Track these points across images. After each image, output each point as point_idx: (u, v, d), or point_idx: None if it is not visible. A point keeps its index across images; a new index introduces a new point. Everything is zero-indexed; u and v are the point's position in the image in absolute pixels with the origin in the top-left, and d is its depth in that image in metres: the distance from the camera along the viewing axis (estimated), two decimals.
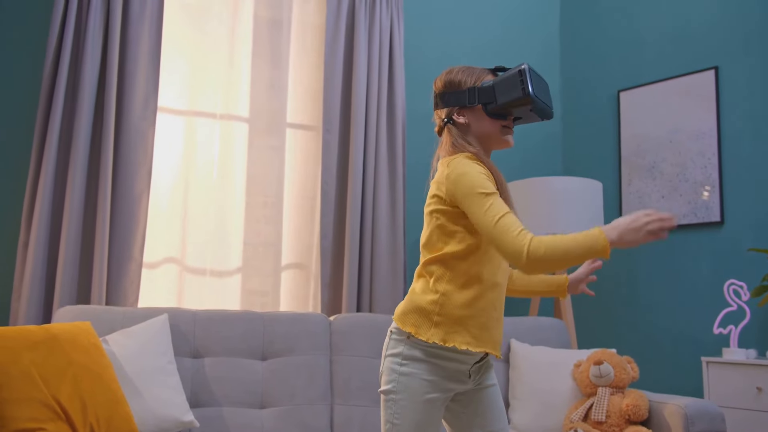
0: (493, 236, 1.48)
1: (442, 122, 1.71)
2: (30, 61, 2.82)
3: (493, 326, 1.61)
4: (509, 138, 1.69)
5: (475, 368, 1.64)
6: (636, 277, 3.45)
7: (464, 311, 1.58)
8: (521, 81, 1.59)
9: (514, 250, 1.45)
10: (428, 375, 1.57)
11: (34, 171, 2.68)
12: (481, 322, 1.59)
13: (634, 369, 2.55)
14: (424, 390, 1.56)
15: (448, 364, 1.59)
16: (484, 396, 1.67)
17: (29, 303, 2.60)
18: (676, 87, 3.39)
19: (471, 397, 1.66)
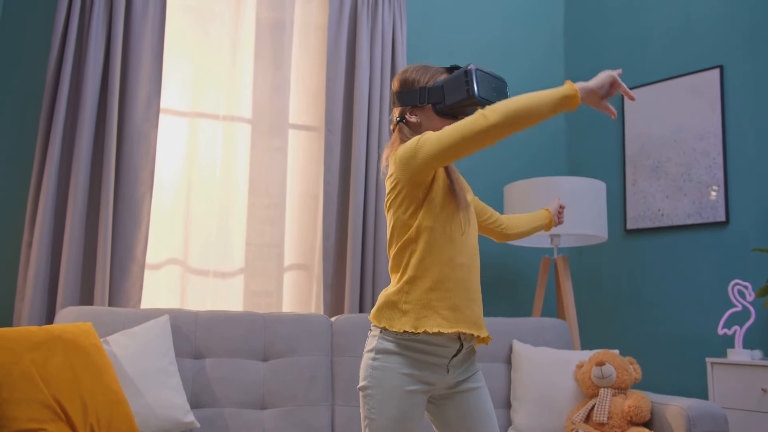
0: (452, 137, 1.51)
1: (396, 121, 1.73)
2: (33, 63, 2.84)
3: (466, 306, 1.60)
4: None
5: (456, 362, 1.62)
6: (640, 277, 3.43)
7: (431, 294, 1.58)
8: (466, 82, 1.60)
9: (474, 120, 1.49)
10: (403, 368, 1.56)
11: (37, 172, 2.69)
12: (451, 303, 1.58)
13: (636, 370, 2.53)
14: (398, 383, 1.55)
15: (422, 357, 1.57)
16: (470, 399, 1.64)
17: (32, 304, 2.61)
18: (680, 86, 3.37)
19: (457, 401, 1.64)
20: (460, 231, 1.63)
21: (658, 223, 3.37)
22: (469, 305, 1.61)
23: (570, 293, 3.13)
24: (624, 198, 3.53)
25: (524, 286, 3.60)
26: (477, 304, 1.63)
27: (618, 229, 3.55)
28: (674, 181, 3.34)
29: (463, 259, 1.62)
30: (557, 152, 3.84)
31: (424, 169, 1.56)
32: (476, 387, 1.66)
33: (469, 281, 1.62)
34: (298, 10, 3.30)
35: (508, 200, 3.20)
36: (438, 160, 1.53)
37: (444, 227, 1.61)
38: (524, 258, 3.62)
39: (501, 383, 2.72)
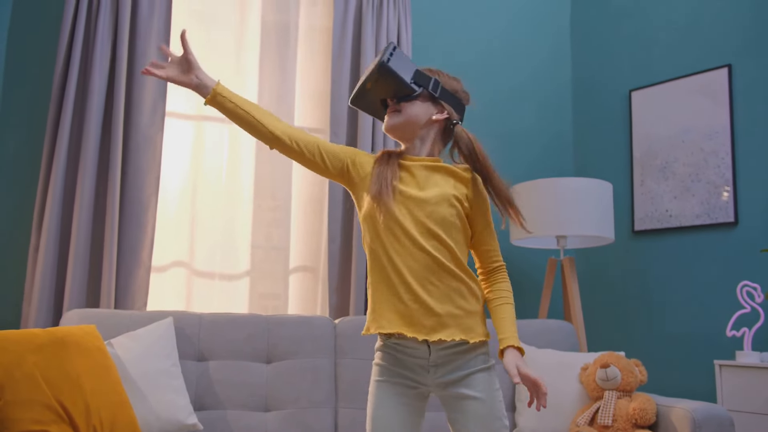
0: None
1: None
2: (41, 68, 2.87)
3: (408, 308, 1.59)
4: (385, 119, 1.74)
5: (438, 362, 1.61)
6: (647, 278, 3.40)
7: (377, 296, 1.64)
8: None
9: None
10: (381, 360, 1.66)
11: (44, 176, 2.72)
12: (393, 305, 1.61)
13: (642, 372, 2.51)
14: (375, 373, 1.67)
15: (399, 355, 1.63)
16: (464, 407, 1.60)
17: (39, 307, 2.63)
18: (688, 85, 3.34)
19: (450, 404, 1.63)
20: (391, 229, 1.63)
21: (666, 224, 3.34)
22: (416, 307, 1.59)
23: (576, 295, 3.11)
24: (631, 199, 3.50)
25: (531, 288, 3.58)
26: (427, 307, 1.59)
27: (625, 230, 3.52)
28: (682, 181, 3.31)
29: (412, 263, 1.61)
30: (564, 153, 3.81)
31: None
32: (469, 396, 1.60)
33: (422, 284, 1.60)
34: (303, 13, 3.31)
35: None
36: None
37: (380, 227, 1.64)
38: (530, 259, 3.60)
39: (505, 385, 2.70)
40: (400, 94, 1.68)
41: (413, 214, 1.64)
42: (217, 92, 1.65)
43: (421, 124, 1.70)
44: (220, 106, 1.66)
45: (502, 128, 3.67)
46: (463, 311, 1.62)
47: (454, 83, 1.75)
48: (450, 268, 1.62)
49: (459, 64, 3.62)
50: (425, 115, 1.69)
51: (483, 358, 1.64)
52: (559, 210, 3.02)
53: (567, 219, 3.01)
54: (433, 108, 1.70)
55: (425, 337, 1.59)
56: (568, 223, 3.01)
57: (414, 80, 1.67)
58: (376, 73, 1.64)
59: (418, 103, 1.68)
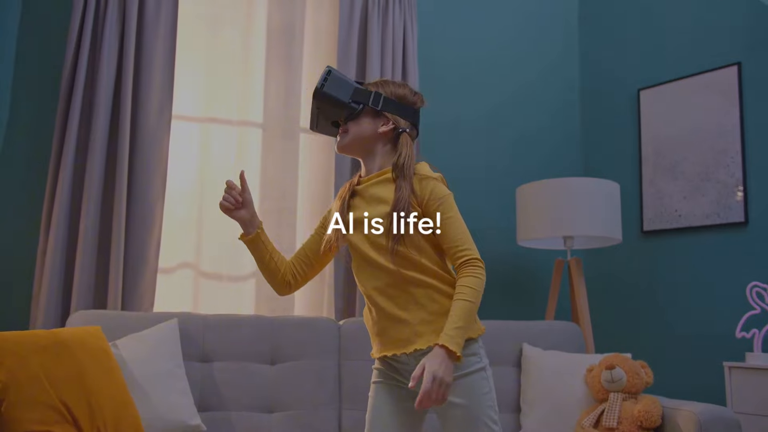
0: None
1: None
2: (48, 72, 2.89)
3: (390, 329, 1.64)
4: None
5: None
6: (656, 279, 3.36)
7: (367, 323, 1.73)
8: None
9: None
10: (378, 364, 1.73)
11: (51, 178, 2.74)
12: (379, 329, 1.68)
13: (648, 374, 2.48)
14: (374, 375, 1.74)
15: (390, 361, 1.68)
16: (448, 414, 1.59)
17: (47, 308, 2.65)
18: (697, 84, 3.30)
19: (439, 411, 1.63)
20: (356, 259, 1.71)
21: (676, 224, 3.31)
22: (392, 326, 1.64)
23: (583, 296, 3.08)
24: (640, 199, 3.47)
25: (538, 289, 3.56)
26: (401, 323, 1.62)
27: (634, 230, 3.49)
28: (691, 181, 3.28)
29: (378, 282, 1.65)
30: (572, 153, 3.79)
31: None
32: (452, 403, 1.57)
33: (390, 301, 1.63)
34: (309, 16, 3.31)
35: (521, 202, 3.17)
36: None
37: (357, 259, 1.71)
38: (538, 260, 3.57)
39: (510, 387, 2.69)
40: (345, 115, 1.71)
41: (366, 236, 1.68)
42: (258, 235, 1.77)
43: (368, 140, 1.72)
44: (255, 246, 1.77)
45: (510, 128, 3.66)
46: (437, 315, 1.61)
47: (400, 90, 1.75)
48: (412, 276, 1.61)
49: (466, 65, 3.61)
50: (372, 130, 1.72)
51: (470, 360, 1.60)
52: (566, 210, 3.00)
53: (574, 219, 2.99)
54: (379, 121, 1.72)
55: (403, 350, 1.61)
56: (575, 223, 2.99)
57: (353, 99, 1.70)
58: (315, 100, 1.70)
59: (364, 120, 1.71)
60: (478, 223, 3.32)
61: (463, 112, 3.57)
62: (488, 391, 1.60)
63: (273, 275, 1.79)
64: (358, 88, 1.72)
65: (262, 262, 1.78)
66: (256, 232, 1.75)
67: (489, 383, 1.62)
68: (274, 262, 1.78)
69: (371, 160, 1.75)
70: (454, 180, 2.56)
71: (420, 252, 1.63)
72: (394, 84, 1.76)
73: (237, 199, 1.74)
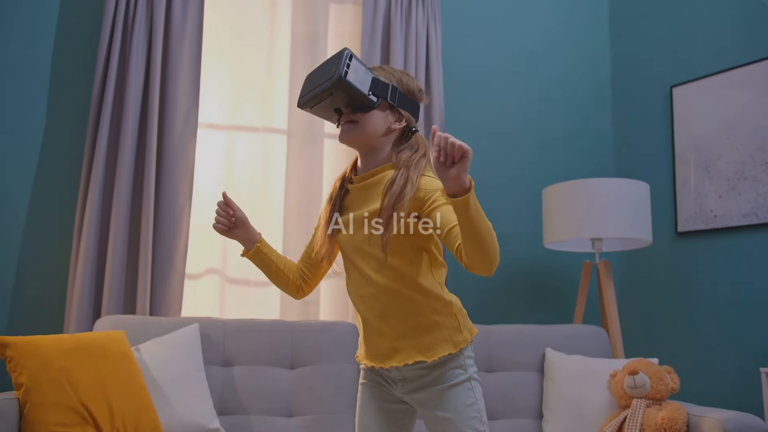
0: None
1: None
2: (80, 82, 2.99)
3: (371, 339, 1.61)
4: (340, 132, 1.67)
5: (407, 378, 1.59)
6: (692, 282, 3.25)
7: (358, 325, 1.68)
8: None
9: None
10: (364, 367, 1.71)
11: (83, 186, 2.83)
12: (362, 337, 1.65)
13: (674, 380, 2.40)
14: (361, 376, 1.71)
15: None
16: (433, 428, 1.58)
17: (79, 313, 2.73)
18: (732, 79, 3.18)
19: (427, 425, 1.61)
20: (346, 259, 1.67)
21: (711, 224, 3.20)
22: (376, 339, 1.60)
23: (612, 299, 3.01)
24: (674, 199, 3.37)
25: (566, 293, 3.49)
26: (385, 337, 1.57)
27: (668, 231, 3.38)
28: (727, 180, 3.16)
29: (358, 292, 1.62)
30: (603, 153, 3.70)
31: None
32: (438, 417, 1.55)
33: (370, 311, 1.59)
34: (332, 21, 3.33)
35: (547, 204, 3.11)
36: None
37: (347, 262, 1.67)
38: (565, 263, 3.50)
39: (533, 393, 2.64)
40: (356, 105, 1.58)
41: (353, 240, 1.62)
42: (259, 248, 1.75)
43: (379, 135, 1.61)
44: (258, 260, 1.76)
45: (539, 128, 3.60)
46: (417, 330, 1.55)
47: (412, 84, 1.66)
48: (394, 288, 1.55)
49: (492, 65, 3.57)
50: (383, 126, 1.61)
51: (453, 373, 1.57)
52: (593, 212, 2.93)
53: (602, 221, 2.92)
54: (391, 116, 1.62)
55: (380, 364, 1.58)
56: (603, 225, 2.92)
57: (372, 90, 1.56)
58: (331, 86, 1.52)
59: (376, 113, 1.59)
60: (504, 225, 3.26)
61: (489, 113, 3.53)
62: (473, 402, 1.56)
63: (284, 282, 1.77)
64: (376, 78, 1.58)
65: (269, 273, 1.76)
66: (256, 246, 1.73)
67: (474, 393, 1.57)
68: (282, 270, 1.75)
69: (373, 155, 1.64)
70: (479, 182, 2.54)
71: (407, 262, 1.55)
72: (406, 76, 1.66)
73: (230, 219, 1.72)
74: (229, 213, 1.71)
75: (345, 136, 1.62)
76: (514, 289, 3.42)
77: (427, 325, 1.55)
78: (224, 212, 1.71)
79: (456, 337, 1.56)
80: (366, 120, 1.58)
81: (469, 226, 1.34)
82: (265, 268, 1.76)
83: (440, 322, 1.56)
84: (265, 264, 1.75)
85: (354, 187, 1.67)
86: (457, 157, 1.30)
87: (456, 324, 1.58)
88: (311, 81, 1.60)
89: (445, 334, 1.55)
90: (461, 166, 1.31)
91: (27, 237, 2.87)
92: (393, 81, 1.62)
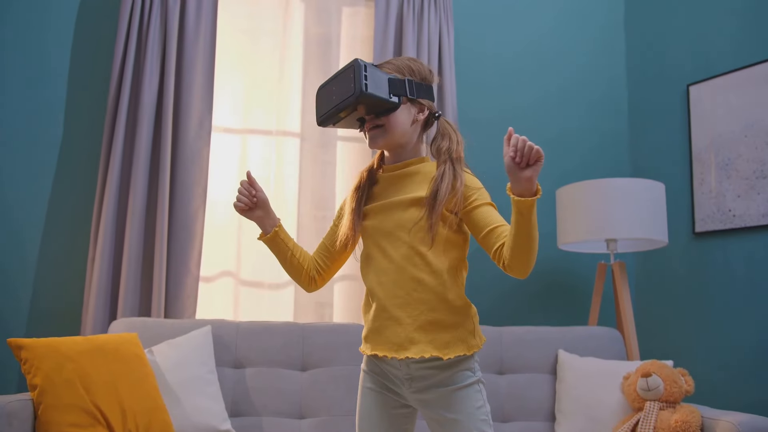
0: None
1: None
2: (96, 90, 3.04)
3: (387, 327, 1.57)
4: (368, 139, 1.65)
5: (416, 376, 1.58)
6: (710, 282, 3.20)
7: (365, 317, 1.65)
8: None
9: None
10: (365, 366, 1.68)
11: (99, 191, 2.88)
12: (374, 326, 1.60)
13: (688, 382, 2.37)
14: (361, 379, 1.69)
15: (378, 362, 1.63)
16: (440, 429, 1.57)
17: (95, 315, 2.78)
18: (751, 76, 3.13)
19: (432, 426, 1.60)
20: (372, 244, 1.63)
21: (730, 224, 3.15)
22: (388, 326, 1.57)
23: (627, 301, 2.97)
24: (691, 199, 3.32)
25: (580, 295, 3.45)
26: (398, 323, 1.55)
27: (685, 232, 3.33)
28: (746, 179, 3.11)
29: (383, 278, 1.58)
30: (619, 152, 3.66)
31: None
32: (446, 418, 1.54)
33: (391, 299, 1.56)
34: (345, 24, 3.35)
35: (561, 204, 3.09)
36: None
37: (364, 255, 1.66)
38: (580, 264, 3.46)
39: (545, 395, 2.62)
40: (379, 111, 1.58)
41: (383, 226, 1.61)
42: (277, 233, 1.71)
43: (407, 132, 1.63)
44: (274, 245, 1.72)
45: (553, 128, 3.56)
46: (438, 324, 1.55)
47: (422, 69, 1.64)
48: (421, 277, 1.55)
49: (505, 64, 3.55)
50: (409, 121, 1.62)
51: (464, 374, 1.57)
52: (608, 212, 2.90)
53: (616, 221, 2.89)
54: (413, 108, 1.62)
55: (394, 354, 1.55)
56: (617, 225, 2.89)
57: (391, 92, 1.56)
58: (355, 101, 1.52)
59: (400, 111, 1.60)
60: None
61: (503, 113, 3.51)
62: (482, 404, 1.56)
63: (297, 272, 1.72)
64: (392, 79, 1.57)
65: (284, 260, 1.72)
66: (274, 230, 1.69)
67: (482, 396, 1.58)
68: (297, 259, 1.71)
69: (403, 150, 1.65)
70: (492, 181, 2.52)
71: (438, 254, 1.55)
72: (414, 62, 1.65)
73: (251, 199, 1.67)
74: (251, 193, 1.67)
75: (376, 142, 1.62)
76: (528, 291, 3.39)
77: (447, 323, 1.55)
78: (247, 191, 1.67)
79: (471, 340, 1.58)
80: (392, 121, 1.59)
81: (527, 228, 1.39)
82: (281, 254, 1.71)
83: (458, 323, 1.57)
84: (281, 250, 1.71)
85: (386, 176, 1.67)
86: (533, 160, 1.34)
87: (472, 327, 1.59)
88: (326, 97, 1.60)
89: (461, 334, 1.57)
90: (535, 169, 1.35)
91: (45, 242, 2.92)
92: (406, 73, 1.61)
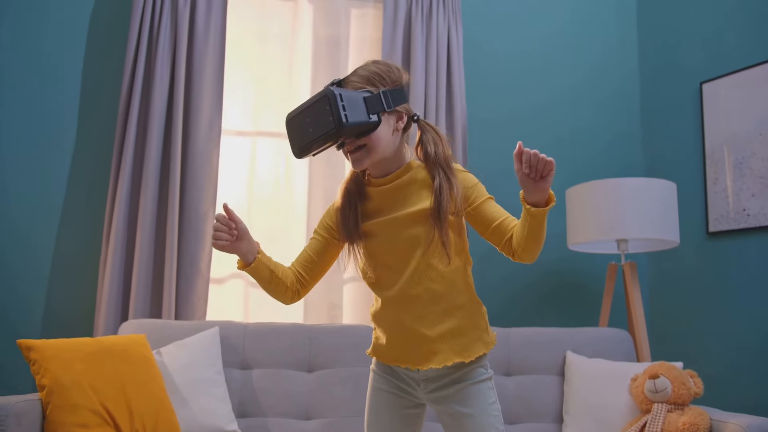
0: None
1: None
2: (108, 95, 3.08)
3: (405, 341, 1.56)
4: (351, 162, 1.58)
5: (431, 378, 1.58)
6: (723, 283, 3.15)
7: (376, 323, 1.63)
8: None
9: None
10: (375, 366, 1.67)
11: (111, 194, 2.92)
12: (392, 341, 1.58)
13: (697, 384, 2.34)
14: (371, 379, 1.68)
15: (394, 367, 1.62)
16: (455, 424, 1.56)
17: (107, 316, 2.81)
18: (765, 73, 3.08)
19: (445, 421, 1.60)
20: (379, 263, 1.58)
21: (744, 224, 3.10)
22: (406, 339, 1.56)
23: (638, 302, 2.94)
24: (705, 198, 3.27)
25: (591, 296, 3.41)
26: (417, 337, 1.54)
27: (699, 231, 3.29)
28: (761, 177, 3.06)
29: (397, 293, 1.55)
30: (631, 151, 3.61)
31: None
32: (461, 413, 1.55)
33: (407, 313, 1.54)
34: (353, 25, 3.35)
35: (571, 204, 3.07)
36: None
37: (371, 261, 1.61)
38: (590, 265, 3.42)
39: (553, 396, 2.61)
40: (359, 133, 1.50)
41: (388, 241, 1.56)
42: (260, 260, 1.58)
43: (389, 144, 1.55)
44: (257, 273, 1.59)
45: (564, 127, 3.53)
46: (456, 330, 1.55)
47: (392, 73, 1.56)
48: (434, 288, 1.53)
49: (515, 62, 3.53)
50: (389, 133, 1.55)
51: (478, 371, 1.58)
52: (618, 212, 2.88)
53: (627, 221, 2.86)
54: (392, 118, 1.55)
55: (417, 366, 1.56)
56: (628, 225, 2.86)
57: (369, 112, 1.49)
58: (336, 134, 1.45)
59: (380, 127, 1.52)
60: None
61: (512, 113, 3.49)
62: (494, 401, 1.58)
63: (281, 291, 1.61)
64: (368, 97, 1.49)
65: (267, 283, 1.60)
66: (257, 257, 1.57)
67: (494, 393, 1.59)
68: (279, 279, 1.59)
69: (388, 161, 1.57)
70: (500, 181, 2.52)
71: (450, 263, 1.54)
72: (384, 66, 1.57)
73: (231, 233, 1.52)
74: (231, 226, 1.52)
75: (361, 163, 1.55)
76: (537, 292, 3.37)
77: (464, 327, 1.56)
78: (226, 226, 1.51)
79: (486, 337, 1.60)
80: (374, 140, 1.51)
81: (539, 229, 1.44)
82: (263, 279, 1.59)
83: (473, 324, 1.58)
84: (263, 276, 1.59)
85: (378, 191, 1.59)
86: (546, 172, 1.36)
87: (484, 325, 1.61)
88: (301, 129, 1.52)
89: (477, 334, 1.58)
90: (548, 180, 1.38)
91: (58, 245, 2.97)
92: (377, 83, 1.54)
